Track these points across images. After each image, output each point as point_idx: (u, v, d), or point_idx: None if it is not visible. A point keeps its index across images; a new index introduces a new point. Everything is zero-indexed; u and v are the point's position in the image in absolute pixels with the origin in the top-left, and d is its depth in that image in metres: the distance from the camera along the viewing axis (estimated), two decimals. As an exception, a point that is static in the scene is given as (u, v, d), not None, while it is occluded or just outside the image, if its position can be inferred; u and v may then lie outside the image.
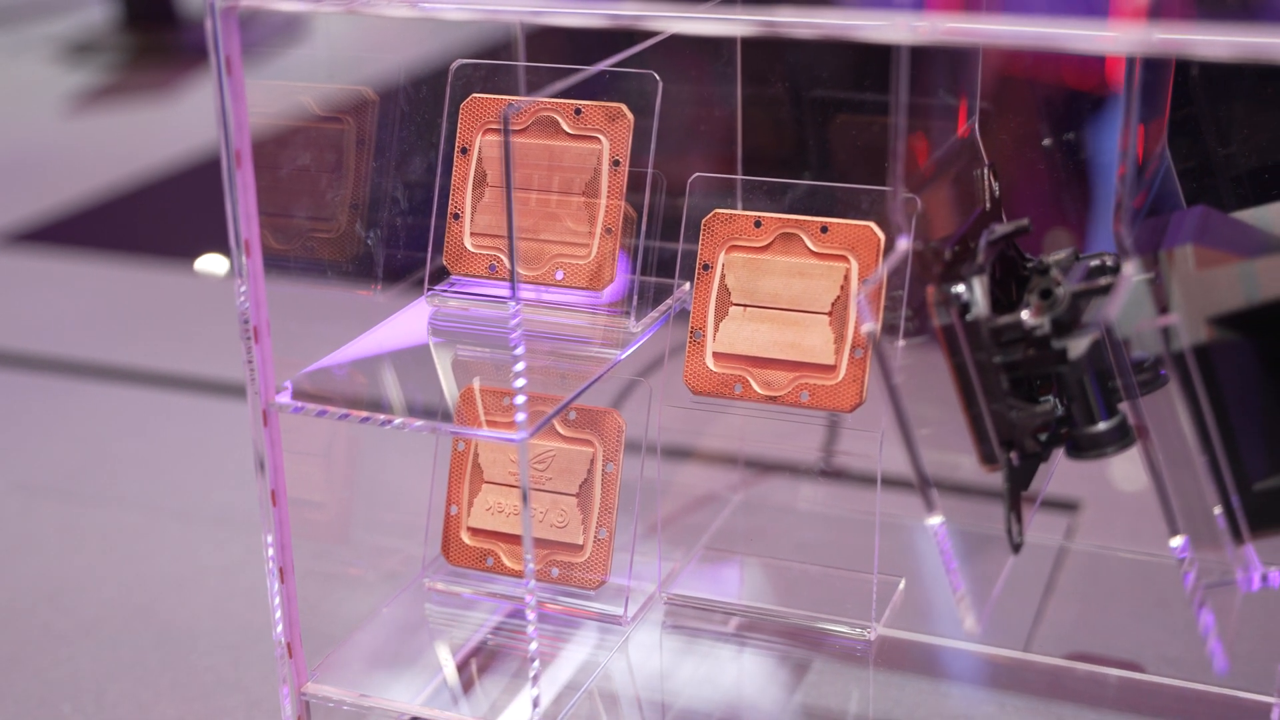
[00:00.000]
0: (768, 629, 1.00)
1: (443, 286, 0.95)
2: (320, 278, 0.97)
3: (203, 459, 1.38)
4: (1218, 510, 0.75)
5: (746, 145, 1.05)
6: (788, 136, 1.13)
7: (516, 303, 0.78)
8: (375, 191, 0.97)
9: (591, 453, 0.93)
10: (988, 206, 0.86)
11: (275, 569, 0.87)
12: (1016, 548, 0.78)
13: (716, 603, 1.00)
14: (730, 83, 1.05)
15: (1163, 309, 0.72)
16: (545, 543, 0.93)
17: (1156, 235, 0.75)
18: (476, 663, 0.97)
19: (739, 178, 0.97)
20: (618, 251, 0.90)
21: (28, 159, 2.44)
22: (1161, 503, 0.74)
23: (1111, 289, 0.74)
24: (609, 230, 0.90)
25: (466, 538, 0.96)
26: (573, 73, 0.82)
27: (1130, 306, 0.73)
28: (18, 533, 1.26)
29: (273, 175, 0.94)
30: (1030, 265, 0.81)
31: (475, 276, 0.93)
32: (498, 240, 0.92)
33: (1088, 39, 0.67)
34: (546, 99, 0.89)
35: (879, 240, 0.88)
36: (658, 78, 0.89)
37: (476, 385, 0.91)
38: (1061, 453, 0.79)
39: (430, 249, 0.94)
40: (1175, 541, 0.74)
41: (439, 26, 0.83)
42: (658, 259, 0.93)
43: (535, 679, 0.84)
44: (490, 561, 0.95)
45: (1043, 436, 0.77)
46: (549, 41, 1.01)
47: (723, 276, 0.91)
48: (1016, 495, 0.77)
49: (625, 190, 0.90)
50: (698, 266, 0.91)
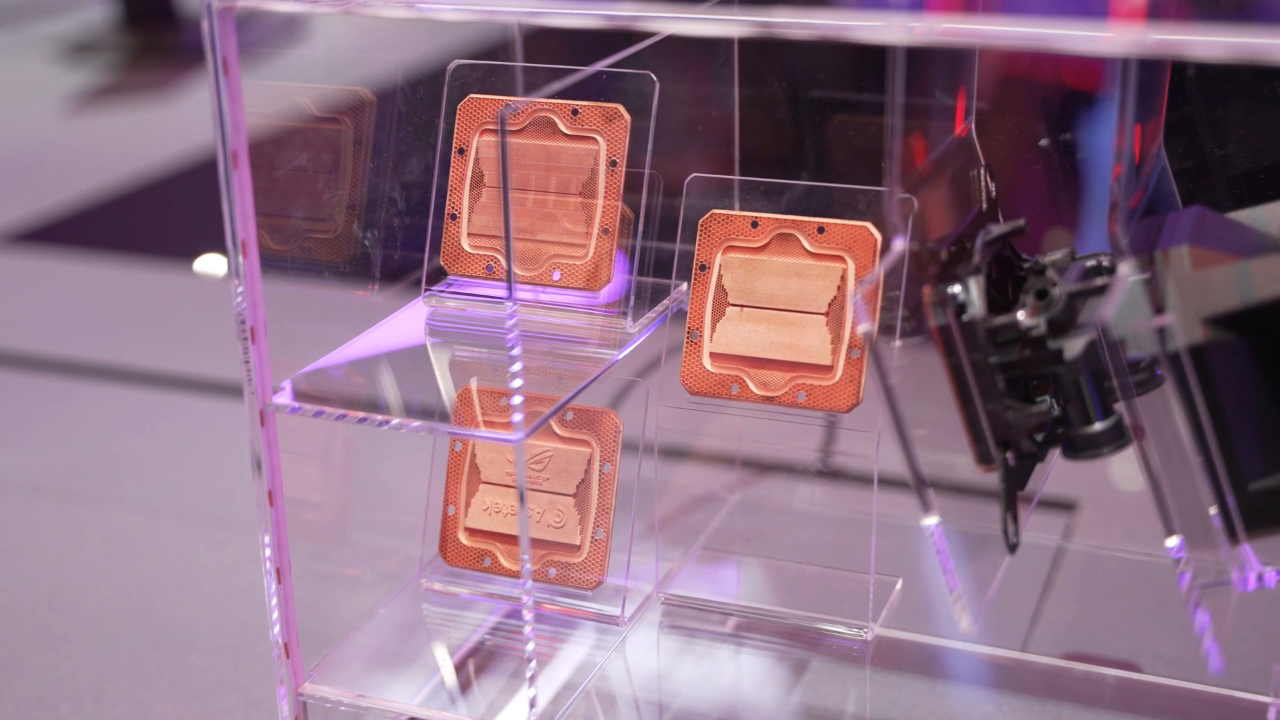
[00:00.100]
0: (765, 629, 1.00)
1: (440, 287, 0.95)
2: (318, 278, 0.97)
3: (202, 459, 1.38)
4: (1213, 510, 0.75)
5: (744, 146, 1.05)
6: (785, 137, 1.13)
7: (513, 303, 0.78)
8: (372, 192, 0.97)
9: (589, 453, 0.93)
10: (984, 207, 0.86)
11: (272, 569, 0.87)
12: (1012, 548, 0.78)
13: (714, 603, 1.00)
14: (727, 83, 1.05)
15: (1158, 309, 0.72)
16: (542, 543, 0.93)
17: (1152, 236, 0.75)
18: (474, 663, 0.97)
19: (736, 178, 0.97)
20: (615, 252, 0.90)
21: (27, 159, 2.44)
22: (1157, 503, 0.74)
23: (1107, 289, 0.74)
24: (606, 231, 0.90)
25: (464, 538, 0.96)
26: (570, 73, 0.82)
27: (1126, 307, 0.73)
28: (16, 533, 1.26)
29: (270, 176, 0.94)
30: (1026, 266, 0.81)
31: (472, 277, 0.93)
32: (495, 241, 0.92)
33: (1083, 40, 0.67)
34: (543, 99, 0.89)
35: (876, 241, 0.88)
36: (654, 78, 0.89)
37: (474, 386, 0.92)
38: (1058, 453, 0.79)
39: (427, 249, 0.94)
40: (1171, 542, 0.74)
41: (436, 27, 0.83)
42: (655, 259, 0.93)
43: (532, 679, 0.84)
44: (488, 562, 0.95)
45: (1039, 437, 0.77)
46: (546, 42, 1.01)
47: (720, 277, 0.91)
48: (1013, 495, 0.77)
49: (622, 191, 0.90)
50: (695, 267, 0.91)
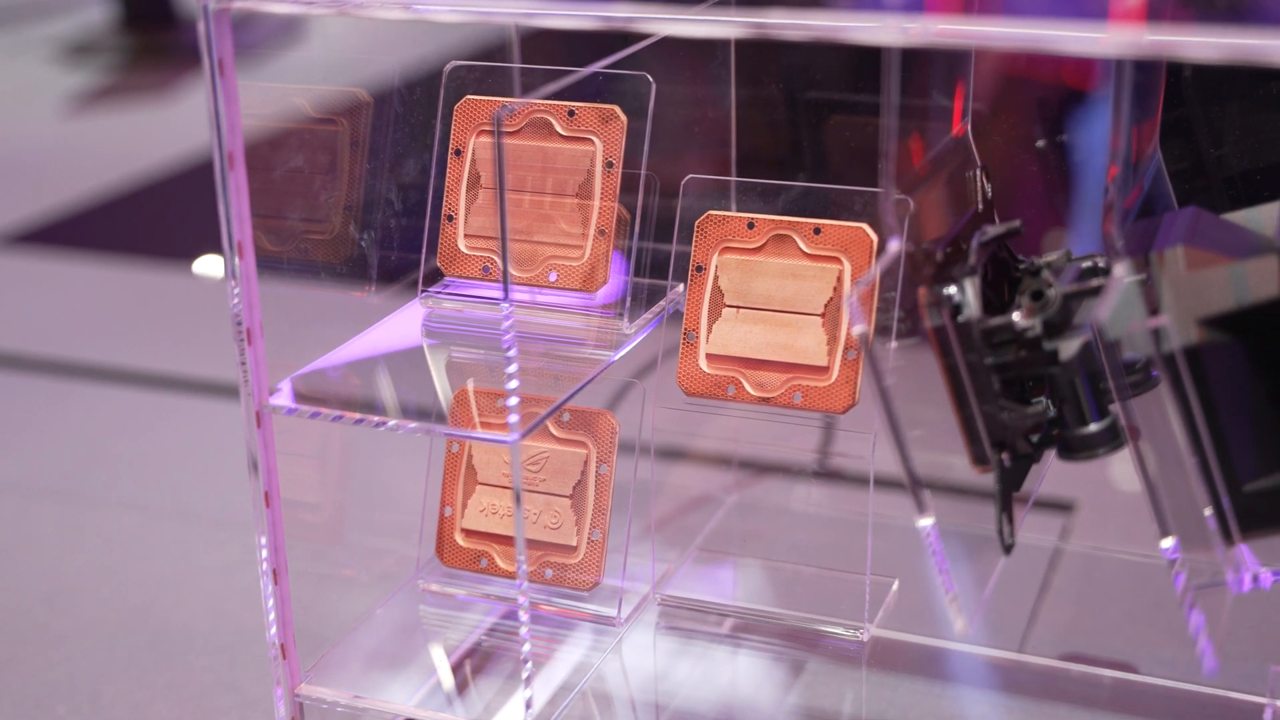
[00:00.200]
0: (761, 630, 1.00)
1: (437, 288, 0.95)
2: (314, 279, 0.97)
3: (200, 460, 1.38)
4: (1208, 511, 0.75)
5: (740, 147, 1.05)
6: (781, 138, 1.13)
7: (509, 304, 0.78)
8: (369, 193, 0.97)
9: (585, 454, 0.93)
10: (980, 208, 0.86)
11: (269, 570, 0.87)
12: (1008, 549, 0.78)
13: (710, 604, 1.00)
14: (724, 84, 1.05)
15: (1154, 310, 0.72)
16: (539, 544, 0.93)
17: (1148, 237, 0.75)
18: (470, 664, 0.97)
19: (732, 179, 0.97)
20: (611, 253, 0.90)
21: (27, 159, 2.44)
22: (1152, 504, 0.74)
23: (1102, 290, 0.74)
24: (602, 232, 0.90)
25: (461, 539, 0.96)
26: (566, 74, 0.82)
27: (1121, 308, 0.73)
28: (15, 533, 1.26)
29: (267, 177, 0.94)
30: (1022, 267, 0.81)
31: (469, 278, 0.93)
32: (491, 242, 0.92)
33: (1079, 41, 0.67)
34: (540, 101, 0.89)
35: (872, 242, 0.88)
36: (651, 79, 0.89)
37: (470, 387, 0.92)
38: (1053, 454, 0.79)
39: (424, 251, 0.94)
40: (1166, 543, 0.74)
41: (434, 28, 0.83)
42: (651, 260, 0.93)
43: (528, 680, 0.84)
44: (484, 563, 0.95)
45: (1034, 438, 0.77)
46: (544, 44, 1.01)
47: (716, 278, 0.91)
48: (1008, 496, 0.77)
49: (619, 192, 0.90)
50: (691, 268, 0.91)
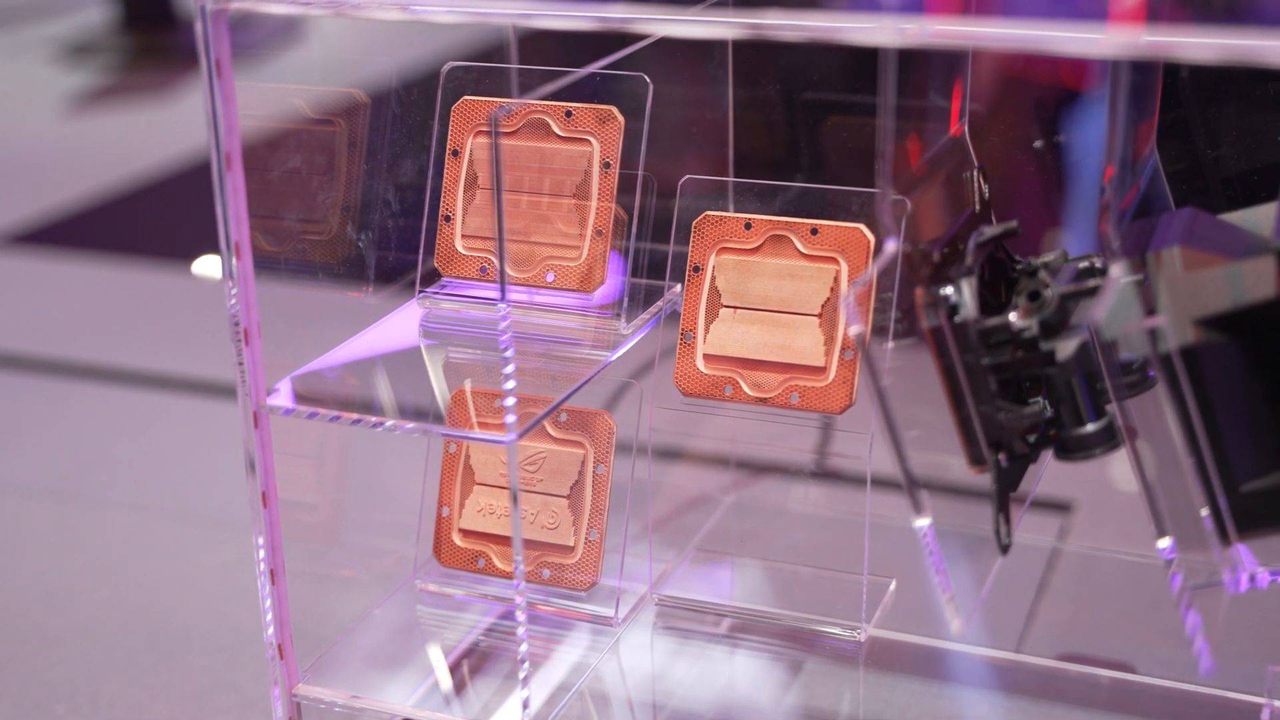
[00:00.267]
0: (759, 630, 1.00)
1: (434, 289, 0.95)
2: (312, 280, 0.97)
3: (198, 460, 1.39)
4: (1205, 512, 0.75)
5: (737, 147, 1.05)
6: (779, 139, 1.13)
7: (506, 305, 0.78)
8: (367, 194, 0.97)
9: (582, 454, 0.93)
10: (977, 208, 0.86)
11: (266, 570, 0.87)
12: (1005, 549, 0.78)
13: (707, 604, 1.00)
14: (722, 85, 1.05)
15: (1150, 311, 0.73)
16: (536, 544, 0.93)
17: (1144, 237, 0.75)
18: (468, 664, 0.97)
19: (730, 180, 0.97)
20: (608, 254, 0.90)
21: (26, 160, 2.44)
22: (1149, 504, 0.74)
23: (1099, 291, 0.74)
24: (600, 232, 0.90)
25: (458, 539, 0.96)
26: (564, 75, 0.82)
27: (1118, 308, 0.73)
28: (13, 533, 1.26)
29: (264, 177, 0.94)
30: (1019, 267, 0.81)
31: (466, 278, 0.93)
32: (489, 242, 0.92)
33: (1076, 42, 0.67)
34: (537, 101, 0.89)
35: (869, 242, 0.88)
36: (648, 80, 0.89)
37: (468, 387, 0.92)
38: (1050, 454, 0.79)
39: (421, 251, 0.94)
40: (1163, 543, 0.74)
41: (431, 29, 0.83)
42: (648, 261, 0.93)
43: (525, 680, 0.84)
44: (482, 563, 0.95)
45: (1031, 438, 0.77)
46: (541, 44, 1.01)
47: (713, 278, 0.91)
48: (1005, 496, 0.77)
49: (616, 192, 0.90)
50: (688, 268, 0.91)
